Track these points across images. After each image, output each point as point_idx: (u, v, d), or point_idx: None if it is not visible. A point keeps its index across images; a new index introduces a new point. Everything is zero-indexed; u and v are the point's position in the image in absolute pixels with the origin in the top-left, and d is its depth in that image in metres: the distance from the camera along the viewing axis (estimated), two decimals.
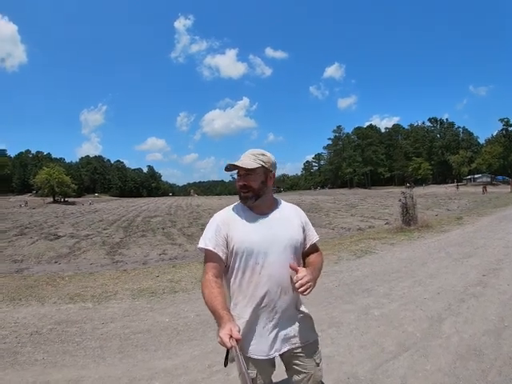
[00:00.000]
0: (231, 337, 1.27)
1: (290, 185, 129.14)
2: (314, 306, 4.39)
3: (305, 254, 1.76)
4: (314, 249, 1.80)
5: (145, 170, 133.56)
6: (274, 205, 1.71)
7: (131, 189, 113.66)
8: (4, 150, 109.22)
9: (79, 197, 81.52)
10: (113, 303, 5.29)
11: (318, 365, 1.70)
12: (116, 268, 8.66)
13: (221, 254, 1.55)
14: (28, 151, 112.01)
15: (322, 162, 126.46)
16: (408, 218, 11.15)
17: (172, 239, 13.66)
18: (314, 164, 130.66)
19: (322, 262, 1.78)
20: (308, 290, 1.47)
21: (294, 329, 1.63)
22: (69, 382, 3.03)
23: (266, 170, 1.61)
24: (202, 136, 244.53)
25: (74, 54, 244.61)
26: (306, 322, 1.71)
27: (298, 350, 1.65)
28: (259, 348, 1.56)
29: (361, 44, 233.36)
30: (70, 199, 69.14)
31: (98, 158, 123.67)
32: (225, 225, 1.59)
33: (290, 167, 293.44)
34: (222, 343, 1.27)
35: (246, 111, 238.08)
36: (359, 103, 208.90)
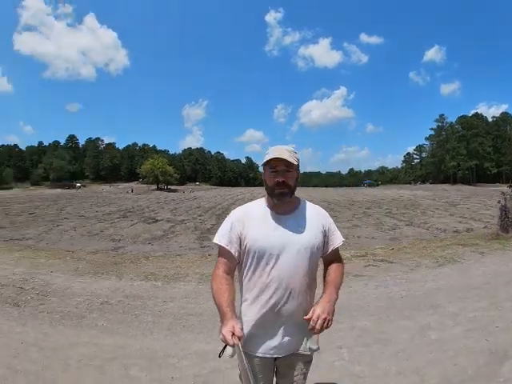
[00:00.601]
0: (233, 334, 1.30)
1: (390, 178, 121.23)
2: (367, 315, 4.14)
3: (325, 259, 1.74)
4: (336, 256, 1.76)
5: (243, 160, 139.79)
6: (296, 205, 1.69)
7: (230, 179, 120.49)
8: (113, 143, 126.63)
9: (181, 185, 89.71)
10: (180, 284, 5.76)
11: (304, 376, 1.71)
12: (202, 252, 9.31)
13: (233, 251, 1.58)
14: (135, 144, 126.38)
15: (423, 155, 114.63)
16: (507, 223, 9.53)
17: None
18: (415, 156, 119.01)
19: (343, 274, 1.74)
20: (325, 326, 1.48)
21: (297, 335, 1.61)
22: (114, 347, 3.46)
23: (298, 168, 1.62)
24: (299, 127, 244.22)
25: (172, 54, 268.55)
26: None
27: (292, 357, 1.64)
28: (261, 348, 1.58)
29: (461, 23, 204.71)
30: (173, 187, 76.31)
31: (200, 150, 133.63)
32: (240, 222, 1.61)
33: (391, 159, 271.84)
34: (225, 340, 1.31)
35: (344, 101, 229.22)
36: (463, 89, 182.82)
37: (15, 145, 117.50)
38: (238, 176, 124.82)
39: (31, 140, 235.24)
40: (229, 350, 1.39)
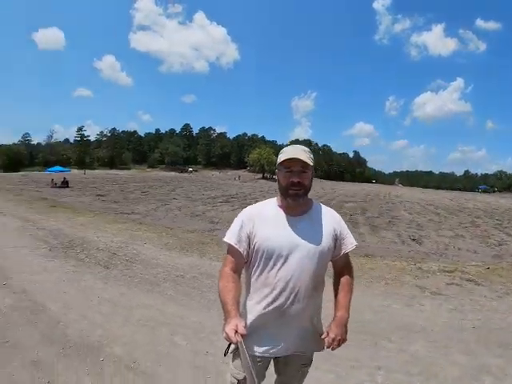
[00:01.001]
0: (236, 332, 1.33)
1: (508, 185, 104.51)
2: (425, 341, 3.53)
3: (335, 263, 1.75)
4: (346, 261, 1.77)
5: (351, 154, 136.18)
6: (308, 207, 1.68)
7: (335, 172, 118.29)
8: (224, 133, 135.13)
9: None
10: None
11: (301, 376, 1.77)
12: None
13: (241, 250, 1.60)
14: (245, 134, 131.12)
15: None
16: None
17: (354, 227, 13.67)
18: None
19: (352, 287, 1.76)
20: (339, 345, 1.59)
21: (298, 338, 1.63)
22: (172, 315, 3.86)
23: (313, 170, 1.63)
24: (412, 121, 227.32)
25: (280, 46, 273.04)
26: (314, 336, 1.68)
27: (290, 357, 1.67)
28: (261, 347, 1.60)
29: None
30: None
31: (307, 142, 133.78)
32: (250, 221, 1.62)
33: (511, 163, 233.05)
34: (228, 338, 1.34)
35: (461, 93, 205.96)
36: None
37: (134, 131, 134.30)
38: (344, 170, 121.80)
39: (149, 127, 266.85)
40: (233, 348, 1.45)
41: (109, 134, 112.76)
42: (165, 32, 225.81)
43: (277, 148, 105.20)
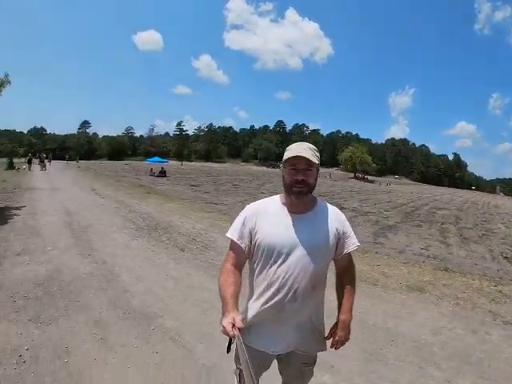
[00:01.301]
0: (234, 325, 1.34)
1: None
2: (475, 375, 2.93)
3: (337, 262, 1.73)
4: (348, 260, 1.75)
5: (450, 157, 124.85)
6: (311, 206, 1.66)
7: (433, 175, 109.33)
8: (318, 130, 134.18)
9: (380, 176, 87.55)
10: None
11: (302, 375, 1.77)
12: (372, 247, 9.02)
13: (243, 246, 1.62)
14: (338, 131, 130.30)
15: None
16: None
17: (444, 236, 12.58)
18: None
19: (355, 289, 1.76)
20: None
21: (297, 336, 1.63)
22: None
23: (318, 168, 1.62)
24: None
25: (374, 40, 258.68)
26: (314, 334, 1.69)
27: (291, 355, 1.68)
28: (260, 342, 1.63)
29: None
30: (370, 177, 75.15)
31: (403, 141, 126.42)
32: (253, 218, 1.64)
33: None
34: (225, 332, 1.34)
35: None
36: None
37: (230, 127, 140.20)
38: (443, 174, 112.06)
39: (244, 123, 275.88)
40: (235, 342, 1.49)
41: (206, 129, 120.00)
42: (257, 30, 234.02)
43: (371, 147, 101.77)
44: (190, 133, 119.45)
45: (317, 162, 1.56)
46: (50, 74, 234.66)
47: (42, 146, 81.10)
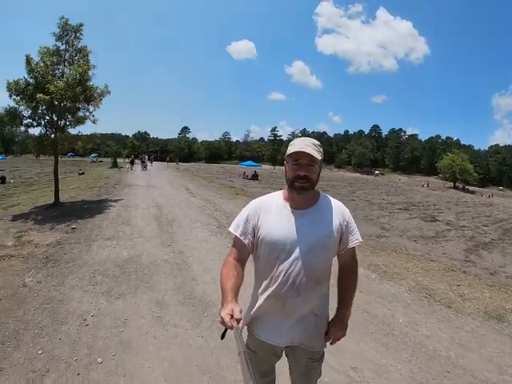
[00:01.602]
0: (232, 317, 1.36)
1: None
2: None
3: (340, 257, 1.71)
4: (351, 256, 1.72)
5: None
6: (315, 200, 1.65)
7: None
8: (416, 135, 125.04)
9: (482, 187, 77.97)
10: (390, 284, 4.93)
11: (308, 371, 1.76)
12: (462, 266, 8.01)
13: (246, 241, 1.63)
14: (438, 136, 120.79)
15: None
16: None
17: None
18: None
19: (356, 283, 1.75)
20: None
21: (301, 329, 1.63)
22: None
23: (321, 163, 1.63)
24: None
25: (475, 35, 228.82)
26: (318, 328, 1.69)
27: (298, 349, 1.69)
28: (265, 334, 1.66)
29: None
30: (471, 188, 67.66)
31: (509, 148, 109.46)
32: (256, 214, 1.65)
33: None
34: (223, 323, 1.36)
35: None
36: None
37: (324, 132, 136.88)
38: None
39: (338, 128, 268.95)
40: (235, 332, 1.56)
41: (300, 135, 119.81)
42: (349, 32, 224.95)
43: (473, 154, 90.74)
44: (284, 138, 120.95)
45: (319, 158, 1.55)
46: (157, 86, 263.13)
47: (145, 149, 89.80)
